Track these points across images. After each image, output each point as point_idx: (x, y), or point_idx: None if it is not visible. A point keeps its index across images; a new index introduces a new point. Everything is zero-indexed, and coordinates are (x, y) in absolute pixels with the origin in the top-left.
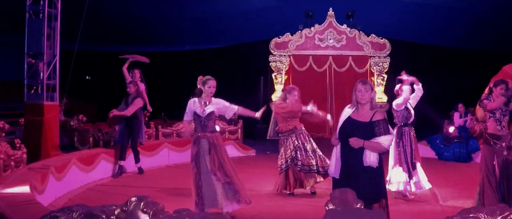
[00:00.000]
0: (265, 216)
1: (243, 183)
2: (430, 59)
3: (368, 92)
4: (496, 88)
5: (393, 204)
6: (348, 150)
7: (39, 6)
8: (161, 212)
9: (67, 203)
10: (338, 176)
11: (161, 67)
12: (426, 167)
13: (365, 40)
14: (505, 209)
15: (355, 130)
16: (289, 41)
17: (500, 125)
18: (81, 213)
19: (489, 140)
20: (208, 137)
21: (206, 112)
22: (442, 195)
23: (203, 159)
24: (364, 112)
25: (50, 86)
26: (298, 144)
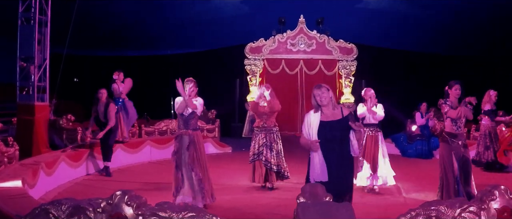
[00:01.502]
0: (240, 208)
1: (212, 182)
2: (394, 62)
3: (325, 93)
4: (451, 89)
5: (359, 197)
6: (332, 151)
7: (30, 13)
8: (144, 205)
9: (56, 196)
10: (326, 179)
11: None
12: (390, 163)
13: (333, 45)
14: (464, 202)
15: (334, 129)
16: (263, 45)
17: (456, 125)
18: (70, 206)
19: (446, 138)
20: (190, 135)
21: (189, 110)
22: (405, 189)
23: (184, 154)
24: (331, 112)
25: (41, 88)
26: (266, 142)
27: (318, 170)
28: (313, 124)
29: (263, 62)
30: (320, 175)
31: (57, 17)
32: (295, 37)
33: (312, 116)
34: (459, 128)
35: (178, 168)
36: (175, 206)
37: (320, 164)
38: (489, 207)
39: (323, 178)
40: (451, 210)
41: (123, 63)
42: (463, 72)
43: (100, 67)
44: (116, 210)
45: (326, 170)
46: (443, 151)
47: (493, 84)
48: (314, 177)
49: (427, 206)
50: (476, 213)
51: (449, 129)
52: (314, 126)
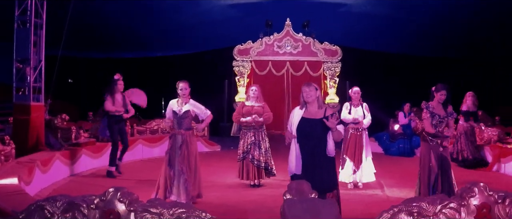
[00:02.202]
0: (229, 205)
1: (202, 180)
2: (377, 64)
3: (312, 92)
4: (437, 93)
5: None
6: (308, 146)
7: (26, 17)
8: (136, 201)
9: (51, 193)
10: (300, 172)
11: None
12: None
13: (319, 47)
14: (445, 198)
15: (313, 126)
16: (250, 48)
17: (435, 128)
18: (64, 202)
19: (426, 137)
20: (183, 134)
21: (182, 110)
22: (388, 186)
23: (177, 153)
24: (314, 111)
25: (36, 89)
26: (254, 140)
27: (293, 164)
28: (295, 120)
29: (250, 64)
30: (294, 169)
31: (52, 20)
32: (281, 39)
33: (296, 111)
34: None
35: (170, 166)
36: (165, 203)
37: (295, 158)
38: (468, 204)
39: (296, 171)
40: (432, 207)
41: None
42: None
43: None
44: (109, 207)
45: (300, 163)
46: (423, 149)
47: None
48: (289, 169)
49: (409, 203)
50: (456, 210)
51: (429, 129)
52: (295, 121)
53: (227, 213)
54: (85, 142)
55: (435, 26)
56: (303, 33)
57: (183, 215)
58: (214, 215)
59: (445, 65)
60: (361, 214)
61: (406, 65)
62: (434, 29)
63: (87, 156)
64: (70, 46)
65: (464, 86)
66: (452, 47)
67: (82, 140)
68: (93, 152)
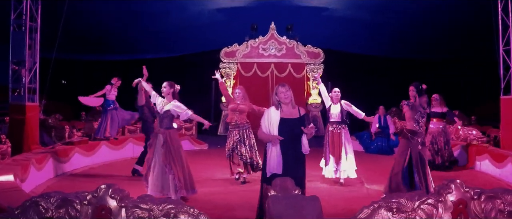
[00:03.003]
0: (216, 201)
1: (192, 175)
2: (358, 66)
3: (288, 92)
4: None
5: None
6: (289, 146)
7: (21, 20)
8: (126, 197)
9: (45, 190)
10: (281, 172)
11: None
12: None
13: (302, 49)
14: (423, 195)
15: (293, 126)
16: (236, 50)
17: (418, 125)
18: (58, 199)
19: (407, 134)
20: (163, 133)
21: (163, 110)
22: (368, 182)
23: (158, 151)
24: (289, 111)
25: (31, 89)
26: (239, 138)
27: (275, 163)
28: (274, 120)
29: (237, 66)
30: (275, 168)
31: (46, 23)
32: (266, 42)
33: (273, 112)
34: (421, 127)
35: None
36: (155, 199)
37: (277, 158)
38: (446, 200)
39: (277, 171)
40: (410, 203)
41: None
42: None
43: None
44: (101, 203)
45: (281, 163)
46: (401, 145)
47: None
48: (269, 169)
49: (389, 199)
50: (433, 205)
51: (411, 126)
52: (274, 122)
53: (215, 209)
54: (78, 140)
55: (413, 30)
56: (287, 36)
57: (172, 210)
58: (202, 210)
59: (423, 67)
60: (342, 210)
61: (386, 67)
62: (411, 32)
63: (80, 154)
64: (63, 49)
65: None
66: (429, 49)
67: (75, 138)
68: (85, 151)
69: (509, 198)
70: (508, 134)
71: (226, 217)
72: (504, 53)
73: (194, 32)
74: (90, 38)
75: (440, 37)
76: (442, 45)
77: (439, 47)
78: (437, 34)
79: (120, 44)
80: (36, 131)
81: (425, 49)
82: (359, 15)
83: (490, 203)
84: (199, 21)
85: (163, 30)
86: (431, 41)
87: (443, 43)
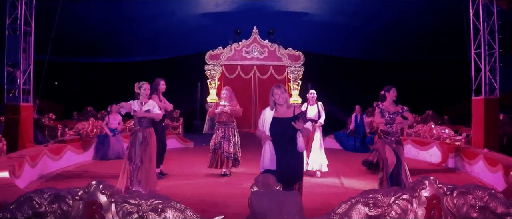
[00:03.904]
0: (201, 196)
1: (155, 175)
2: (337, 68)
3: (284, 94)
4: (389, 92)
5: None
6: (281, 144)
7: (16, 25)
8: (116, 193)
9: (39, 186)
10: (274, 168)
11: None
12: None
13: (283, 52)
14: (398, 190)
15: (285, 125)
16: (221, 53)
17: (390, 126)
18: (51, 194)
19: (381, 135)
20: (143, 131)
21: (143, 110)
22: (346, 179)
23: (137, 149)
24: (284, 111)
25: (26, 90)
26: (225, 135)
27: (268, 160)
28: (267, 120)
29: (221, 68)
30: (269, 164)
31: (40, 28)
32: (249, 45)
33: (268, 112)
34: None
35: (130, 161)
36: (143, 195)
37: (270, 155)
38: (420, 195)
39: (271, 167)
40: (386, 198)
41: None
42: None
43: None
44: (92, 198)
45: (275, 160)
46: (380, 145)
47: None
48: (263, 165)
49: (366, 195)
50: (408, 201)
51: (383, 128)
52: (268, 121)
53: (200, 203)
54: (70, 139)
55: (388, 34)
56: (269, 40)
57: (159, 206)
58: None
59: (398, 69)
60: (321, 205)
61: (363, 68)
62: (387, 36)
63: (72, 152)
64: (56, 52)
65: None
66: (404, 52)
67: (67, 137)
68: (77, 148)
69: (480, 194)
70: (479, 133)
71: (211, 210)
72: (475, 56)
73: (181, 36)
74: (81, 41)
75: (414, 41)
76: (416, 48)
77: (413, 50)
78: (411, 38)
79: (110, 47)
80: (30, 130)
81: (400, 51)
82: (338, 19)
83: (462, 198)
84: (186, 26)
85: (152, 34)
86: (406, 44)
87: (417, 46)
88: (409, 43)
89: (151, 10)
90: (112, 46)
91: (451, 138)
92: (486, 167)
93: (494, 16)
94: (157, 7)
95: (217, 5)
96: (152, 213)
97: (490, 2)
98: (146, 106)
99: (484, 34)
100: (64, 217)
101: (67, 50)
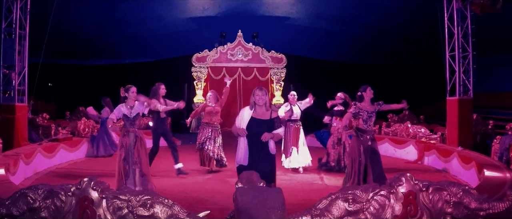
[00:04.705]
0: (188, 192)
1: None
2: (318, 70)
3: (264, 96)
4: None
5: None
6: (255, 142)
7: (11, 29)
8: (107, 189)
9: (34, 182)
10: (246, 164)
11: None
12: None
13: (266, 55)
14: (376, 187)
15: (260, 126)
16: (207, 56)
17: (366, 124)
18: (45, 190)
19: (357, 133)
20: (136, 132)
21: (133, 114)
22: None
23: (131, 150)
24: (262, 112)
25: (21, 91)
26: (210, 135)
27: (242, 156)
28: (245, 118)
29: (207, 70)
30: (242, 160)
31: (34, 32)
32: (234, 48)
33: (246, 111)
34: (369, 126)
35: (125, 161)
36: (133, 191)
37: (244, 151)
38: (397, 191)
39: (244, 163)
40: (365, 194)
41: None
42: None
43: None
44: (84, 194)
45: (247, 156)
46: (353, 143)
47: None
48: (237, 160)
49: (345, 191)
50: (386, 196)
51: (361, 126)
52: (245, 119)
53: (187, 198)
54: (63, 137)
55: (367, 37)
56: (253, 43)
57: (148, 201)
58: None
59: (376, 71)
60: (302, 201)
61: (342, 70)
62: (365, 39)
63: (65, 150)
64: (50, 54)
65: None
66: (382, 55)
67: (60, 136)
68: (70, 147)
69: (455, 190)
70: (453, 132)
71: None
72: (450, 58)
73: (169, 39)
74: (74, 44)
75: (392, 44)
76: (394, 50)
77: (390, 53)
78: (389, 41)
79: (101, 50)
80: (25, 129)
81: (378, 54)
82: (318, 24)
83: (437, 194)
84: (173, 29)
85: (140, 37)
86: (384, 47)
87: (394, 49)
88: (386, 46)
89: (140, 15)
90: (102, 49)
91: (426, 136)
92: (460, 165)
93: (468, 20)
94: (146, 11)
95: (204, 10)
96: (141, 208)
97: (464, 7)
98: (135, 109)
99: (458, 37)
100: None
101: (60, 53)
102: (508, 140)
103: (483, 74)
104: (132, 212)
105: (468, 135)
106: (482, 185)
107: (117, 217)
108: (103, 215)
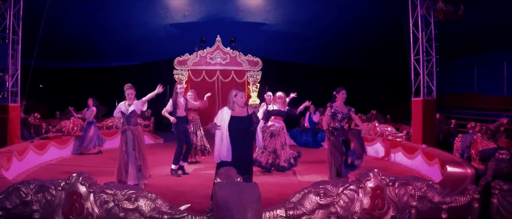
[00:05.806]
0: (171, 187)
1: (148, 165)
2: (292, 72)
3: (244, 97)
4: (339, 94)
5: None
6: (237, 137)
7: (5, 34)
8: (94, 184)
9: (26, 178)
10: (230, 159)
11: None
12: None
13: (243, 58)
14: (345, 181)
15: (241, 122)
16: (187, 59)
17: (339, 124)
18: (36, 185)
19: (332, 131)
20: (132, 130)
21: (129, 111)
22: (299, 171)
23: (130, 146)
24: (240, 110)
25: (14, 92)
26: (192, 130)
27: (225, 152)
28: (225, 117)
29: (188, 72)
30: (225, 156)
31: (27, 37)
32: (213, 52)
33: (226, 111)
34: (342, 125)
35: (127, 156)
36: (119, 185)
37: (226, 148)
38: (365, 186)
39: (227, 159)
40: (335, 188)
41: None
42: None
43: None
44: (72, 188)
45: (230, 152)
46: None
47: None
48: (220, 156)
49: (317, 185)
50: (355, 191)
51: (333, 125)
52: (225, 119)
53: (169, 193)
54: (53, 135)
55: (338, 41)
56: (230, 47)
57: (133, 195)
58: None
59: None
60: (276, 195)
61: (315, 73)
62: (337, 43)
63: (55, 147)
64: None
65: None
66: (351, 58)
67: (51, 134)
68: (59, 144)
69: (419, 185)
70: (418, 130)
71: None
72: (414, 61)
73: (152, 43)
74: (64, 48)
75: (360, 47)
76: (363, 54)
77: (359, 56)
78: (358, 45)
79: (89, 54)
80: (18, 128)
81: (348, 57)
82: (292, 29)
83: (403, 189)
84: (156, 34)
85: (126, 42)
86: (353, 51)
87: (363, 53)
88: (356, 49)
89: (126, 21)
90: (91, 52)
91: (393, 135)
92: (424, 161)
93: (431, 26)
94: (131, 18)
95: (185, 16)
96: (126, 202)
97: (428, 13)
98: (132, 107)
99: (422, 42)
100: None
101: (51, 56)
102: (469, 138)
103: (446, 77)
104: (118, 206)
105: (431, 134)
106: (444, 180)
107: (104, 210)
108: (90, 208)
